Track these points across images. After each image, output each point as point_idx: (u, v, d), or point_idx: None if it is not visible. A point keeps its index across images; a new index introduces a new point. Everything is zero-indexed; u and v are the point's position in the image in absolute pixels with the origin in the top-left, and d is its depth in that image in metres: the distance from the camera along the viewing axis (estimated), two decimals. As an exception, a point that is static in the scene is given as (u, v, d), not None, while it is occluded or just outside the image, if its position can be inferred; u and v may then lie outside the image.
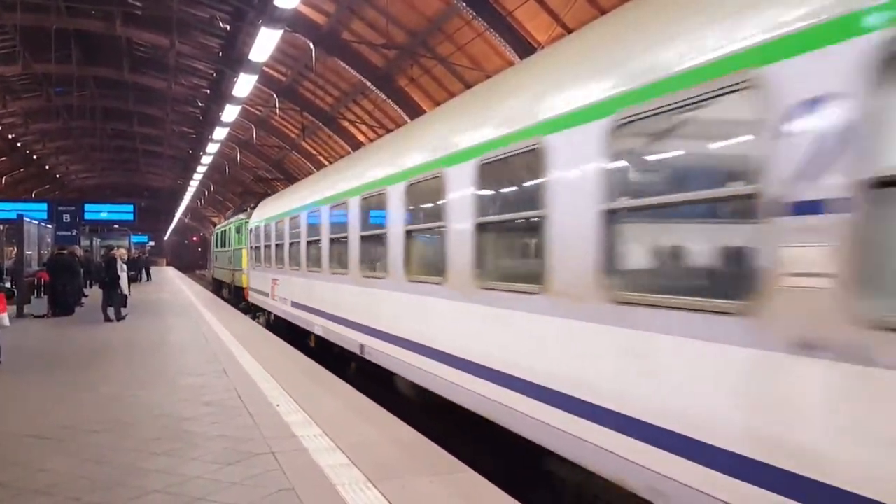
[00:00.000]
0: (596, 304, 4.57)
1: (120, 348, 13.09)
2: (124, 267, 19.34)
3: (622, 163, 4.67)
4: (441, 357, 7.03)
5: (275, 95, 35.65)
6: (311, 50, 27.35)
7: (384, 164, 9.19)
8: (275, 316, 17.67)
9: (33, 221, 22.64)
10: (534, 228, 5.43)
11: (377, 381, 9.86)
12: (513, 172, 6.25)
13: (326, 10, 26.49)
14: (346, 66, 28.80)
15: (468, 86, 24.84)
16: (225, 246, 33.07)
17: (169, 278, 47.34)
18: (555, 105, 5.21)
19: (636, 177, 4.89)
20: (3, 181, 59.91)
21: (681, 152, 4.66)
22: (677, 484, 3.84)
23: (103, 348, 13.09)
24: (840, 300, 3.01)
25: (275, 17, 14.91)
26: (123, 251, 21.84)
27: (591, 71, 5.00)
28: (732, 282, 3.83)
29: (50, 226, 26.15)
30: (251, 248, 21.65)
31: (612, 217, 4.48)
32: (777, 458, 3.28)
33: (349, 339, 10.40)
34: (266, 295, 18.34)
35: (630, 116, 4.31)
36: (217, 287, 35.82)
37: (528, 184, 5.74)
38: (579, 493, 5.40)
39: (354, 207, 10.09)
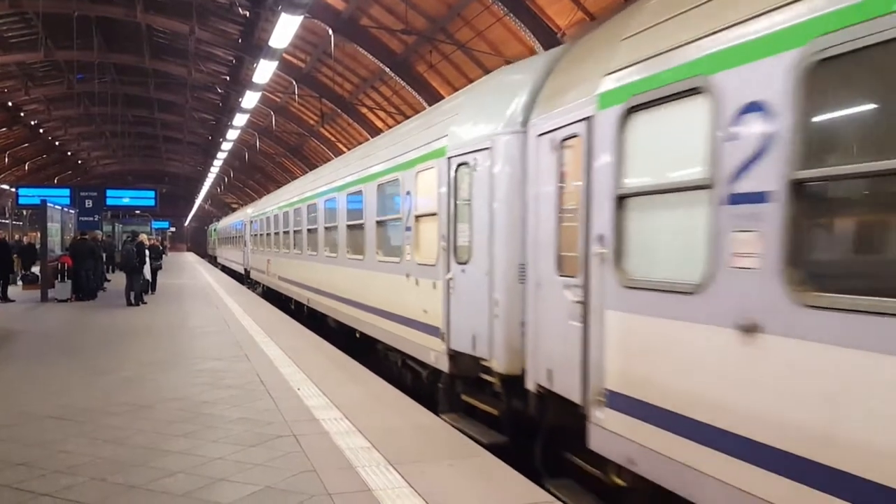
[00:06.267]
0: None
1: (141, 332, 13.21)
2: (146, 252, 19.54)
3: None
4: None
5: (294, 82, 35.64)
6: (331, 36, 27.27)
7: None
8: (221, 265, 45.79)
9: (56, 207, 22.86)
10: None
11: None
12: None
13: (345, -5, 26.41)
14: (365, 53, 28.68)
15: (487, 72, 24.68)
16: (210, 237, 67.86)
17: (189, 263, 47.76)
18: None
19: None
20: (26, 167, 60.66)
21: None
22: None
23: (125, 332, 13.22)
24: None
25: (295, 3, 14.81)
26: (145, 236, 22.03)
27: None
28: None
29: (72, 211, 26.38)
30: (216, 238, 56.09)
31: None
32: None
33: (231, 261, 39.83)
34: (218, 255, 51.75)
35: None
36: (211, 259, 61.25)
37: None
38: (593, 477, 5.32)
39: (247, 225, 29.66)
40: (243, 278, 31.11)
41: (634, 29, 4.80)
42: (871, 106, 3.37)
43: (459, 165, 7.35)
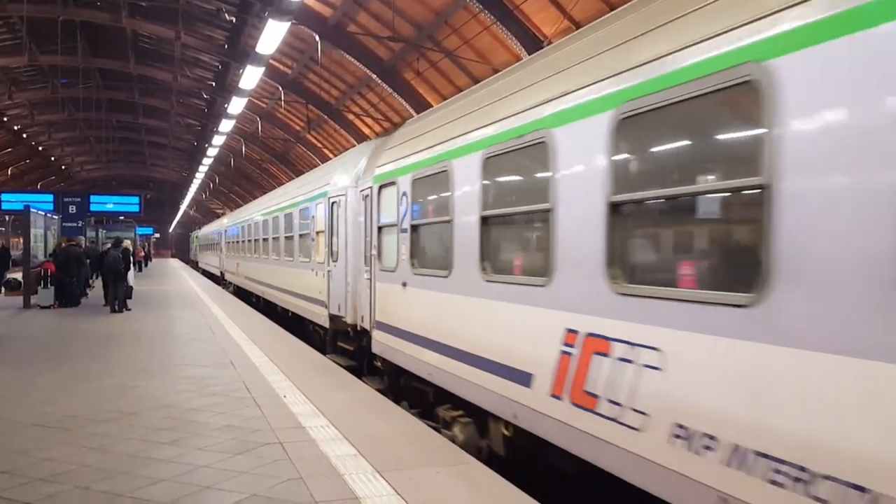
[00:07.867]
0: None
1: (126, 339, 13.11)
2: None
3: None
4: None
5: (280, 88, 35.59)
6: (317, 42, 27.29)
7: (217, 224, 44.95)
8: (202, 269, 49.82)
9: (40, 212, 22.64)
10: None
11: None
12: None
13: (332, 2, 26.40)
14: (352, 59, 28.70)
15: (475, 80, 24.78)
16: (192, 243, 70.62)
17: (173, 269, 47.43)
18: None
19: None
20: (9, 172, 60.11)
21: None
22: None
23: (110, 339, 13.11)
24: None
25: (282, 10, 14.82)
26: (129, 242, 21.90)
27: None
28: None
29: (56, 217, 26.13)
30: (198, 245, 61.77)
31: None
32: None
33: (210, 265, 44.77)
34: (199, 261, 56.52)
35: None
36: (193, 264, 64.63)
37: None
38: (576, 484, 5.41)
39: (223, 234, 35.28)
40: (219, 279, 36.44)
41: (389, 145, 9.55)
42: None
43: (333, 203, 12.07)
